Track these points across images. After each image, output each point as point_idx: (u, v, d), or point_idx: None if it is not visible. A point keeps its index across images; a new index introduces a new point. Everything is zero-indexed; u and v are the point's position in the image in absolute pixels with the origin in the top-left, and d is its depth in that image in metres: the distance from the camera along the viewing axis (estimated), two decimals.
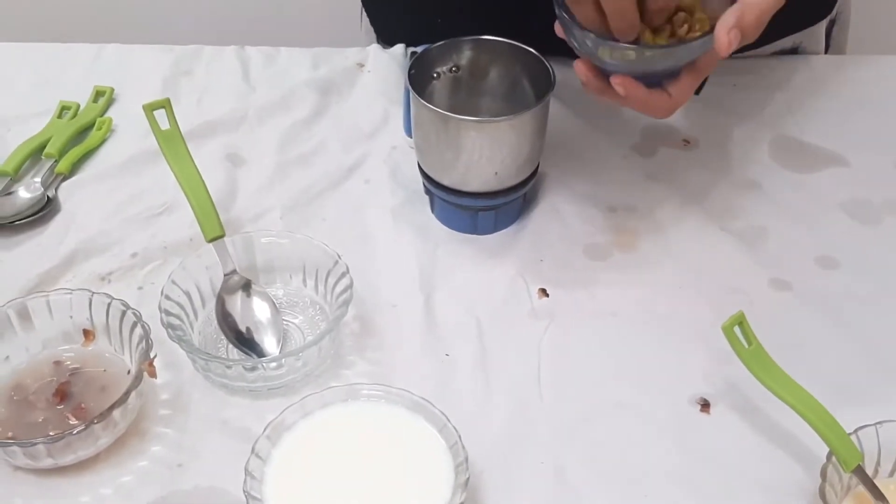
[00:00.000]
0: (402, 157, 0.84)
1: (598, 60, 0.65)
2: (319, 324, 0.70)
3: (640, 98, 0.65)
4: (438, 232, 0.78)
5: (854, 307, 0.72)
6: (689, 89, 0.66)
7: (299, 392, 0.64)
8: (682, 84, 0.65)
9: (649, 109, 0.66)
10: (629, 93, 0.64)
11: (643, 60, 0.63)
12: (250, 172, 0.84)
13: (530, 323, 0.71)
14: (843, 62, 0.95)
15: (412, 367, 0.68)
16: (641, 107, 0.66)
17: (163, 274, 0.71)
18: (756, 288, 0.73)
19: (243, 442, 0.60)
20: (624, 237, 0.78)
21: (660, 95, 0.65)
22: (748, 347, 0.60)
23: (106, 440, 0.62)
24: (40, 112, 0.89)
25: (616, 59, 0.63)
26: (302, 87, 0.91)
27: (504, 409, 0.65)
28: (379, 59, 0.94)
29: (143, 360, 0.63)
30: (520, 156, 0.73)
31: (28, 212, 0.79)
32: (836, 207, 0.80)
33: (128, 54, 0.97)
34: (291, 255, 0.72)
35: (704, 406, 0.65)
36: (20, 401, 0.64)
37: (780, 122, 0.88)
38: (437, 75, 0.77)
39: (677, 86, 0.65)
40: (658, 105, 0.66)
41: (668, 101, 0.66)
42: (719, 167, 0.84)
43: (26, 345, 0.67)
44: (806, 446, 0.62)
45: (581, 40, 0.64)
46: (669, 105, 0.66)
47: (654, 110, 0.66)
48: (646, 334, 0.70)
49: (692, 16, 0.65)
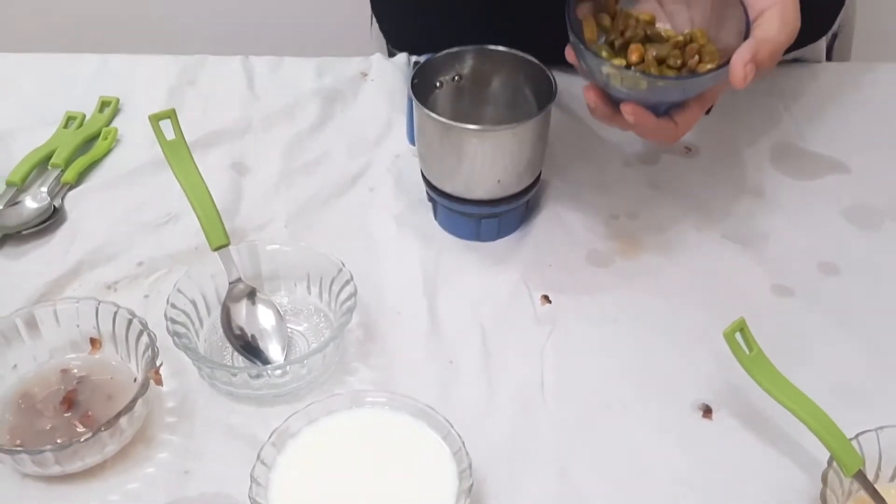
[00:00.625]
0: (405, 165, 0.85)
1: (610, 87, 0.65)
2: (324, 331, 0.71)
3: (650, 126, 0.65)
4: (442, 239, 0.79)
5: (855, 312, 0.72)
6: (695, 118, 0.67)
7: (304, 399, 0.65)
8: (689, 113, 0.66)
9: (656, 136, 0.67)
10: (639, 121, 0.65)
11: (655, 91, 0.64)
12: (255, 181, 0.84)
13: (533, 329, 0.72)
14: (843, 69, 0.96)
15: (416, 374, 0.68)
16: (649, 134, 0.67)
17: (168, 282, 0.71)
18: (758, 294, 0.74)
19: (249, 449, 0.60)
20: (626, 244, 0.78)
21: (667, 124, 0.66)
22: (749, 354, 0.60)
23: (113, 447, 0.62)
24: (46, 122, 0.89)
25: (627, 87, 0.64)
26: (306, 96, 0.92)
27: (507, 415, 0.66)
28: (382, 68, 0.95)
29: (149, 367, 0.63)
30: (522, 163, 0.74)
31: (35, 221, 0.79)
32: (837, 213, 0.80)
33: (133, 64, 0.98)
34: (296, 262, 0.72)
35: (706, 412, 0.66)
36: (28, 409, 0.65)
37: (781, 128, 0.88)
38: (439, 84, 0.77)
39: (684, 115, 0.66)
40: (665, 133, 0.66)
41: (675, 130, 0.67)
42: (721, 174, 0.84)
43: (34, 353, 0.67)
44: (807, 451, 0.62)
45: (595, 67, 0.64)
46: (675, 133, 0.67)
47: (660, 137, 0.67)
48: (648, 340, 0.71)
49: (703, 48, 0.66)
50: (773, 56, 0.61)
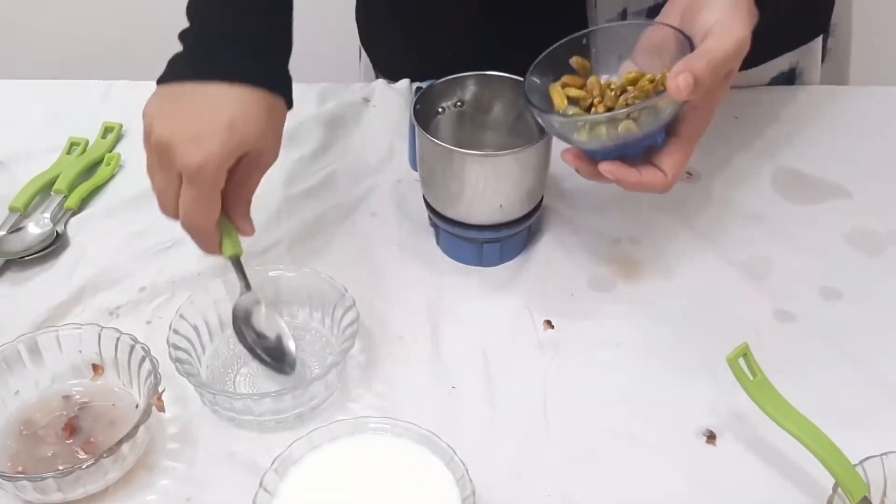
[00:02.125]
0: (407, 191, 0.85)
1: (576, 143, 0.66)
2: (326, 356, 0.71)
3: (633, 181, 0.65)
4: (444, 264, 0.79)
5: (859, 338, 0.72)
6: (681, 162, 0.66)
7: (307, 425, 0.65)
8: (673, 157, 0.66)
9: (646, 188, 0.66)
10: (619, 177, 0.65)
11: (615, 134, 0.63)
12: (258, 206, 0.83)
13: (536, 354, 0.71)
14: (842, 93, 0.96)
15: (419, 400, 0.68)
16: (638, 187, 0.66)
17: (171, 308, 0.71)
18: (761, 319, 0.74)
19: (251, 475, 0.60)
20: (628, 268, 0.78)
21: (653, 174, 0.66)
22: (753, 379, 0.60)
23: (115, 474, 0.62)
24: (50, 148, 0.90)
25: (591, 138, 0.64)
26: (309, 122, 0.92)
27: (510, 441, 0.66)
28: (384, 94, 0.95)
29: (151, 394, 0.63)
30: (524, 189, 0.74)
31: (38, 247, 0.80)
32: (839, 238, 0.80)
33: (137, 91, 0.97)
34: (299, 287, 0.72)
35: (710, 437, 0.66)
36: (30, 435, 0.65)
37: (781, 153, 0.89)
38: (441, 110, 0.78)
39: (667, 160, 0.65)
40: (654, 183, 0.66)
41: (664, 178, 0.66)
42: (722, 198, 0.84)
43: (36, 379, 0.67)
44: (812, 478, 0.62)
45: (549, 124, 0.66)
46: (665, 182, 0.66)
47: (651, 188, 0.66)
48: (651, 366, 0.71)
49: (660, 79, 0.65)
50: (711, 66, 0.60)
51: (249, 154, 0.68)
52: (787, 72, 0.95)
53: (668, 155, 0.66)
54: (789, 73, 0.95)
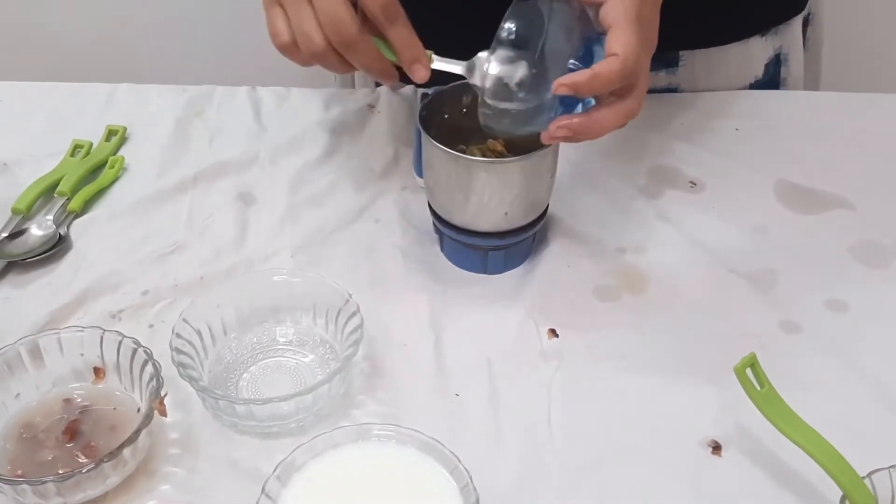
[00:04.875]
0: (412, 197, 0.85)
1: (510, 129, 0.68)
2: (329, 363, 0.70)
3: (585, 77, 0.61)
4: (448, 271, 0.79)
5: (865, 349, 0.72)
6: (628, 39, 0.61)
7: (309, 432, 0.64)
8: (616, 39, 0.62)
9: (606, 78, 0.61)
10: (571, 84, 0.61)
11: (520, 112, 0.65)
12: (261, 212, 0.84)
13: (540, 363, 0.71)
14: (845, 102, 0.96)
15: (422, 407, 0.68)
16: (595, 82, 0.61)
17: (173, 312, 0.71)
18: (766, 330, 0.73)
19: (253, 482, 0.59)
20: (633, 278, 0.78)
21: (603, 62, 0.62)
22: (761, 390, 0.60)
23: (115, 479, 0.62)
24: (53, 151, 0.89)
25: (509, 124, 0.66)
26: (313, 128, 0.92)
27: (515, 449, 0.65)
28: (389, 101, 0.95)
29: (153, 398, 0.63)
30: (529, 196, 0.74)
31: (40, 249, 0.79)
32: (843, 250, 0.80)
33: (141, 94, 0.98)
34: (302, 294, 0.72)
35: (716, 449, 0.65)
36: (30, 439, 0.64)
37: (784, 165, 0.88)
38: (447, 117, 0.77)
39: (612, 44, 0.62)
40: (609, 68, 0.61)
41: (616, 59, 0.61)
42: (726, 209, 0.84)
43: (37, 382, 0.67)
44: (819, 490, 0.61)
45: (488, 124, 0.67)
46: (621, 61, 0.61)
47: (609, 76, 0.61)
48: (656, 376, 0.70)
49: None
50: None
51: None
52: (773, 60, 0.95)
53: (610, 42, 0.62)
54: (775, 58, 0.95)
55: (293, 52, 0.67)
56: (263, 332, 0.72)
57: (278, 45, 0.67)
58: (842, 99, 0.96)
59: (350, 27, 0.64)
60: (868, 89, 0.97)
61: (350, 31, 0.64)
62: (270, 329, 0.72)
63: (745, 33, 0.93)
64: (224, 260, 0.79)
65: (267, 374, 0.70)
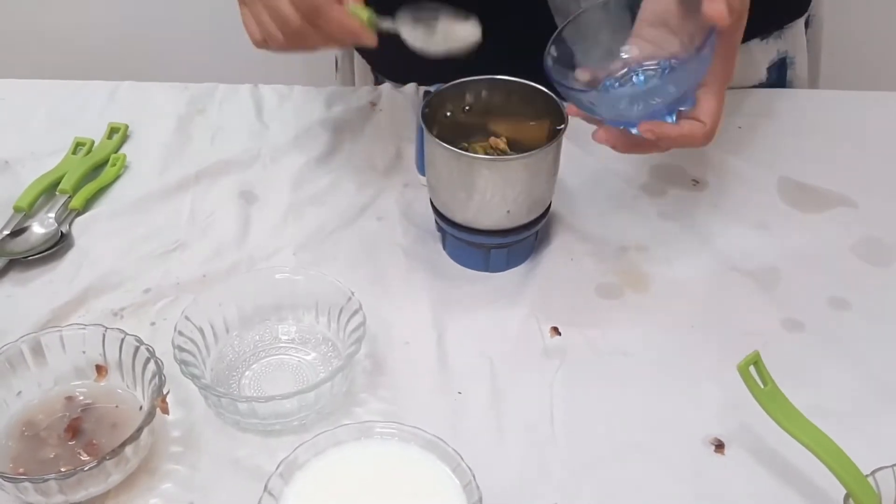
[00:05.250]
0: (414, 195, 0.85)
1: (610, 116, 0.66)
2: (332, 361, 0.70)
3: (674, 134, 0.65)
4: (450, 269, 0.79)
5: (868, 348, 0.71)
6: (716, 109, 0.66)
7: (312, 430, 0.64)
8: (707, 105, 0.66)
9: (688, 140, 0.66)
10: (660, 133, 0.65)
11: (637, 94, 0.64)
12: (264, 210, 0.84)
13: (542, 361, 0.71)
14: (847, 100, 0.96)
15: (424, 405, 0.68)
16: (679, 141, 0.66)
17: (175, 310, 0.71)
18: (769, 328, 0.73)
19: (255, 480, 0.59)
20: (635, 276, 0.78)
21: (692, 124, 0.66)
22: (764, 388, 0.59)
23: (117, 477, 0.62)
24: (55, 149, 0.89)
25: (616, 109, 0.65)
26: (315, 126, 0.92)
27: (517, 448, 0.65)
28: (391, 99, 0.95)
29: (155, 396, 0.63)
30: (532, 194, 0.74)
31: (42, 247, 0.79)
32: (845, 248, 0.80)
33: (143, 92, 0.98)
34: (305, 291, 0.72)
35: (719, 447, 0.65)
36: (32, 436, 0.64)
37: (786, 163, 0.88)
38: (449, 114, 0.77)
39: (702, 110, 0.66)
40: (695, 133, 0.66)
41: (703, 126, 0.66)
42: (729, 207, 0.84)
43: (38, 380, 0.67)
44: (822, 488, 0.61)
45: (578, 100, 0.66)
46: (706, 130, 0.66)
47: (692, 140, 0.66)
48: (658, 374, 0.70)
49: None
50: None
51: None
52: (777, 61, 0.95)
53: (701, 106, 0.66)
54: (780, 62, 0.95)
55: (270, 43, 0.70)
56: (265, 330, 0.72)
57: (254, 43, 0.71)
58: (845, 97, 0.96)
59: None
60: (867, 89, 0.97)
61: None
62: (272, 327, 0.72)
63: (744, 37, 0.92)
64: (226, 258, 0.79)
65: (269, 372, 0.70)
